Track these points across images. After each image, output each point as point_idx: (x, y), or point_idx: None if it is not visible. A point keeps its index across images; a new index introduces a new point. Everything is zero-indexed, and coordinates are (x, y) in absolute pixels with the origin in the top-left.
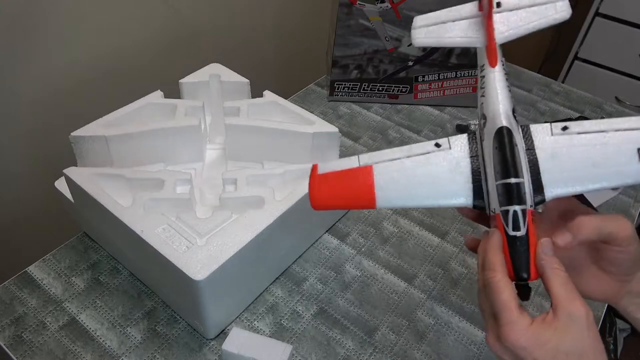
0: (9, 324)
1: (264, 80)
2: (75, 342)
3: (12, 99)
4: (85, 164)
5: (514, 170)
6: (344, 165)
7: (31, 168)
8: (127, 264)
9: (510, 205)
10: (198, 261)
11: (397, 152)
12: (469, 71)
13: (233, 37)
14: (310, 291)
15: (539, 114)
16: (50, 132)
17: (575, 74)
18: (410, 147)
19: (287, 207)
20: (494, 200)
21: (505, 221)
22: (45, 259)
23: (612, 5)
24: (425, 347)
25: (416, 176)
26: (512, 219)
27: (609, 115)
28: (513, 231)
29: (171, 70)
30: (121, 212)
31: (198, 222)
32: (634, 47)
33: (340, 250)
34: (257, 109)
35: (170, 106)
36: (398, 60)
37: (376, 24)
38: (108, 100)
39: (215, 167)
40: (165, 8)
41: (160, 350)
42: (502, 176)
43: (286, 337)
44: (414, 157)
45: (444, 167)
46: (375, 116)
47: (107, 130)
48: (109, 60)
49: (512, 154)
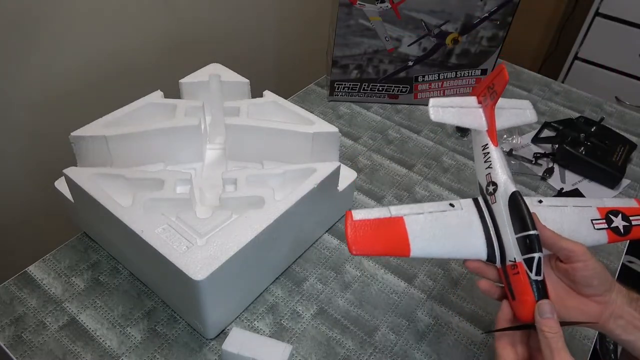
0: (9, 324)
1: (264, 80)
2: (75, 342)
3: (13, 99)
4: (85, 164)
5: (532, 225)
6: (377, 214)
7: (31, 168)
8: (127, 264)
9: (533, 253)
10: (198, 261)
11: (419, 208)
12: (469, 71)
13: (233, 37)
14: (310, 291)
15: (539, 114)
16: (50, 132)
17: (575, 74)
18: (430, 205)
19: (287, 207)
20: (512, 251)
21: (529, 267)
22: (45, 259)
23: (612, 5)
24: (425, 347)
25: (440, 229)
26: (536, 265)
27: (609, 115)
28: (535, 276)
29: (171, 70)
30: (121, 212)
31: (198, 222)
32: (634, 47)
33: (340, 250)
34: (257, 109)
35: (170, 106)
36: (398, 60)
37: (376, 24)
38: (108, 100)
39: (215, 167)
40: (166, 8)
41: (160, 350)
42: (521, 230)
43: (286, 337)
44: (435, 213)
45: (460, 224)
46: (375, 116)
47: (107, 130)
48: (109, 60)
49: (528, 212)
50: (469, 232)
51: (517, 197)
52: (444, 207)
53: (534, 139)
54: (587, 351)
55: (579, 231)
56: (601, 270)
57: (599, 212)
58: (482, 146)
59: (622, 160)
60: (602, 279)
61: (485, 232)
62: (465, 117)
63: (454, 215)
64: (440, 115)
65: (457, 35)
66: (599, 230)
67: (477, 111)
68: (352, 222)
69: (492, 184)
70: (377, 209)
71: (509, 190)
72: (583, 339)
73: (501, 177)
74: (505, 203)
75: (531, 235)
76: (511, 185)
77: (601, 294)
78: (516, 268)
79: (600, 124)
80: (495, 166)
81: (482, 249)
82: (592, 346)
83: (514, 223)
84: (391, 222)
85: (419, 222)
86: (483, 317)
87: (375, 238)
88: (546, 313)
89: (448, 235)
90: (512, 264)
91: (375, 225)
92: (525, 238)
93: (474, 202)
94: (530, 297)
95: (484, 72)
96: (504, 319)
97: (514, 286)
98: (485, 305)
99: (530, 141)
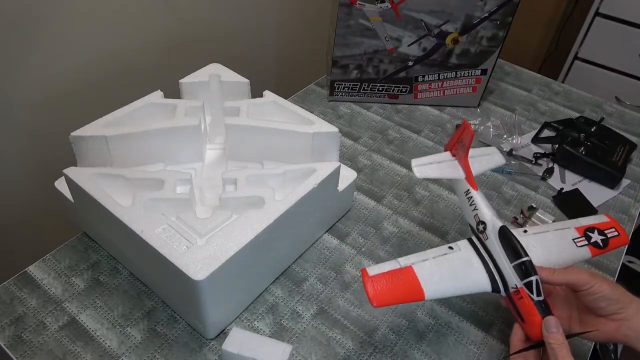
0: (9, 324)
1: (264, 80)
2: (75, 342)
3: (13, 99)
4: (85, 164)
5: (523, 252)
6: (387, 267)
7: (31, 168)
8: (127, 264)
9: (530, 277)
10: (198, 261)
11: (423, 255)
12: (468, 71)
13: (233, 37)
14: (310, 291)
15: (539, 113)
16: (50, 132)
17: (575, 74)
18: (432, 251)
19: (287, 207)
20: (512, 279)
21: (529, 290)
22: (45, 259)
23: (612, 5)
24: (425, 347)
25: (446, 272)
26: (536, 287)
27: (609, 115)
28: (537, 297)
29: (171, 70)
30: (121, 212)
31: (198, 222)
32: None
33: (340, 250)
34: (257, 109)
35: (170, 106)
36: (398, 60)
37: (376, 24)
38: (108, 100)
39: (215, 167)
40: (166, 8)
41: (160, 350)
42: (515, 259)
43: (286, 337)
44: (438, 257)
45: (462, 264)
46: (375, 116)
47: (107, 130)
48: (109, 60)
49: (517, 241)
50: (471, 270)
51: (506, 230)
52: (444, 251)
53: (534, 139)
54: (587, 351)
55: (565, 251)
56: (608, 292)
57: (577, 231)
58: (464, 192)
59: (622, 160)
60: (610, 300)
61: (485, 267)
62: (445, 170)
63: (455, 257)
64: (424, 172)
65: (457, 35)
66: (581, 247)
67: (453, 163)
68: (369, 278)
69: (481, 223)
70: (386, 262)
71: (497, 226)
72: (583, 339)
73: (487, 216)
74: (496, 237)
75: (525, 261)
76: (497, 221)
77: (614, 312)
78: (519, 293)
79: (600, 124)
80: (481, 207)
81: (486, 282)
82: (592, 346)
83: (507, 253)
84: (402, 272)
85: (426, 268)
86: (483, 317)
87: (392, 289)
88: (552, 328)
89: (454, 275)
90: (515, 291)
91: (389, 278)
92: (520, 265)
93: (469, 242)
94: (537, 317)
95: (484, 72)
96: (517, 340)
97: (521, 310)
98: (485, 305)
99: (530, 141)
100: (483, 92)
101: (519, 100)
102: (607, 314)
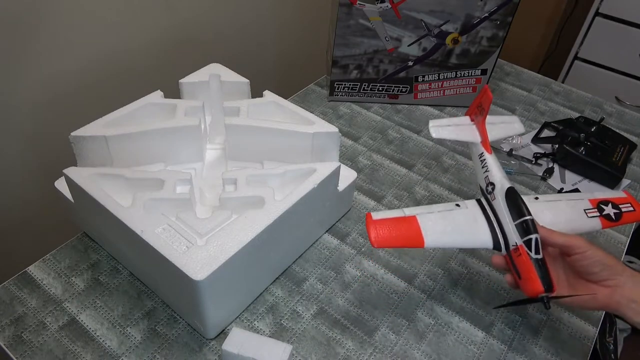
0: (9, 324)
1: (264, 80)
2: (75, 342)
3: (13, 99)
4: (85, 164)
5: (527, 211)
6: (392, 214)
7: (31, 168)
8: (127, 264)
9: (530, 234)
10: (198, 261)
11: (429, 208)
12: (468, 71)
13: (233, 37)
14: (310, 291)
15: (539, 113)
16: (50, 132)
17: (575, 74)
18: (438, 205)
19: (287, 207)
20: (513, 237)
21: (528, 248)
22: (45, 259)
23: (612, 5)
24: (425, 347)
25: (449, 224)
26: (535, 245)
27: (609, 115)
28: (535, 255)
29: (171, 70)
30: (121, 212)
31: (198, 222)
32: (634, 47)
33: (340, 250)
34: (257, 109)
35: (170, 106)
36: (398, 60)
37: (376, 24)
38: (108, 101)
39: (215, 167)
40: (166, 8)
41: (160, 350)
42: (517, 217)
43: (286, 337)
44: (444, 211)
45: (466, 220)
46: (375, 116)
47: (107, 130)
48: (109, 60)
49: (522, 201)
50: (474, 226)
51: (513, 190)
52: (451, 207)
53: (534, 139)
54: (587, 351)
55: (574, 220)
56: (602, 258)
57: (590, 203)
58: (478, 155)
59: (622, 160)
60: (604, 265)
61: (489, 225)
62: (461, 133)
63: (460, 213)
64: (440, 133)
65: (457, 35)
66: (592, 218)
67: (471, 127)
68: (372, 221)
69: (491, 184)
70: (391, 210)
71: (505, 187)
72: (583, 339)
73: (497, 177)
74: (502, 197)
75: (527, 219)
76: (506, 182)
77: (606, 278)
78: (518, 251)
79: (600, 124)
80: (492, 169)
81: (487, 239)
82: (592, 346)
83: (511, 212)
84: (406, 220)
85: (430, 219)
86: (483, 317)
87: (394, 234)
88: None
89: (457, 229)
90: (514, 248)
91: (393, 223)
92: (522, 223)
93: (478, 202)
94: (534, 274)
95: (484, 72)
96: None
97: (519, 267)
98: (485, 305)
99: (530, 141)
100: None
101: (519, 100)
102: (599, 280)
